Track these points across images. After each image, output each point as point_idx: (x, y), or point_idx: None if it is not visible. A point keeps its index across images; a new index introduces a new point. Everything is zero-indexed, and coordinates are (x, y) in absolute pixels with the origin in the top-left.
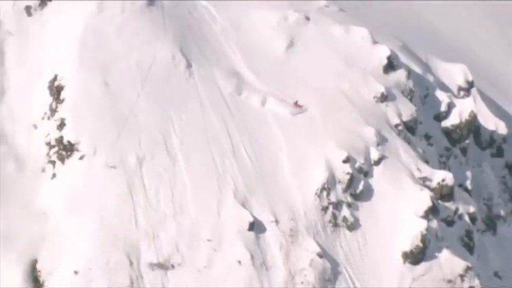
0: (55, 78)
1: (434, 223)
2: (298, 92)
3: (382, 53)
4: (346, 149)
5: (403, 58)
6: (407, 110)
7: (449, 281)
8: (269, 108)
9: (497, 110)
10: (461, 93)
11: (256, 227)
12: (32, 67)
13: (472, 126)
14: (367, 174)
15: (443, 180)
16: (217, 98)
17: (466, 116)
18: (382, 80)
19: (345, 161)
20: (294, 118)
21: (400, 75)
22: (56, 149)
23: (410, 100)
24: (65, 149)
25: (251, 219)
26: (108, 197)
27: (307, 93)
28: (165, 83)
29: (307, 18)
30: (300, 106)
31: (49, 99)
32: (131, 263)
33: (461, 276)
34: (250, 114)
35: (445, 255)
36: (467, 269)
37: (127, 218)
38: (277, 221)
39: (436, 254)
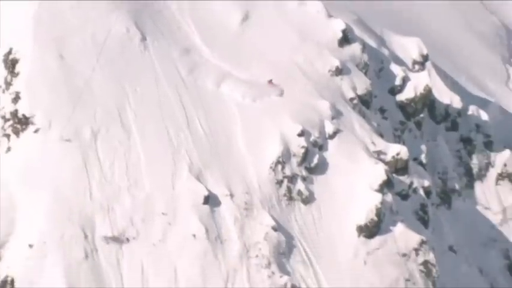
0: (10, 52)
1: (389, 197)
2: (253, 65)
3: (336, 27)
4: (300, 122)
5: (357, 32)
6: (362, 83)
7: (404, 255)
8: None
9: (452, 84)
10: (416, 67)
11: (211, 200)
12: None
13: (427, 100)
14: (321, 147)
15: (397, 154)
16: (172, 72)
17: (420, 89)
18: (336, 54)
19: (299, 135)
20: (248, 91)
21: (354, 48)
22: (10, 122)
23: (365, 74)
24: (20, 123)
25: (206, 193)
26: (63, 170)
27: (262, 67)
28: (120, 56)
29: None
30: (275, 85)
31: (4, 72)
32: (86, 236)
33: (416, 250)
34: (205, 88)
35: (399, 229)
36: (422, 242)
37: (82, 191)
38: (232, 195)
39: (391, 227)
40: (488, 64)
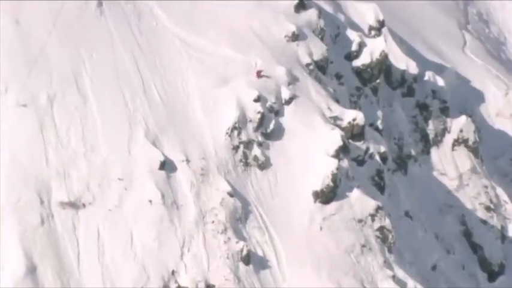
0: None
1: (345, 162)
2: (209, 31)
3: None
4: (256, 88)
5: None
6: (318, 49)
7: (360, 221)
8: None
9: (408, 50)
10: (372, 32)
11: (167, 166)
12: None
13: (383, 65)
14: (278, 113)
15: (354, 120)
16: (129, 37)
17: (376, 55)
18: (293, 19)
19: (255, 100)
20: (205, 57)
21: (311, 14)
22: None
23: (322, 39)
24: None
25: (162, 158)
26: (19, 136)
27: (218, 32)
28: (76, 22)
29: None
30: (263, 75)
31: None
32: (42, 202)
33: (372, 216)
34: (161, 54)
35: (355, 194)
36: (378, 208)
37: (38, 156)
38: (188, 160)
39: (347, 193)
40: (445, 30)
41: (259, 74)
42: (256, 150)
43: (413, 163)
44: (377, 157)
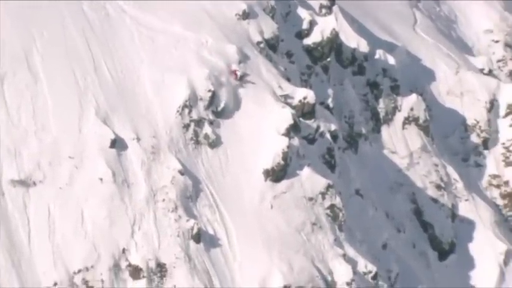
0: None
1: (296, 141)
2: (160, 9)
3: None
4: (207, 66)
5: None
6: (269, 27)
7: (311, 199)
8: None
9: (359, 28)
10: (323, 10)
11: (117, 144)
12: None
13: (334, 44)
14: (229, 91)
15: (304, 98)
16: (79, 16)
17: (327, 33)
18: None
19: (206, 78)
20: (155, 35)
21: None
22: None
23: (272, 18)
24: None
25: (112, 137)
26: None
27: (169, 10)
28: (27, 0)
29: None
30: (237, 74)
31: None
32: None
33: (323, 194)
34: (112, 32)
35: (306, 173)
36: (328, 186)
37: None
38: (138, 139)
39: (298, 171)
40: (396, 8)
41: (234, 73)
42: (207, 129)
43: (364, 141)
44: (328, 135)
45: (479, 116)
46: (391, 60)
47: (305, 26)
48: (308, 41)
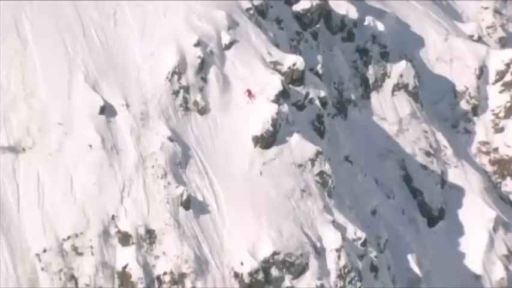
0: None
1: (285, 107)
2: None
3: None
4: (197, 32)
5: None
6: None
7: (300, 166)
8: None
9: None
10: None
11: (107, 110)
12: None
13: (323, 10)
14: (218, 58)
15: (294, 65)
16: None
17: (316, 0)
18: None
19: (196, 45)
20: (145, 2)
21: None
22: None
23: None
24: None
25: (102, 103)
26: None
27: None
28: None
29: None
30: (252, 95)
31: None
32: None
33: (312, 161)
34: None
35: (295, 139)
36: (318, 153)
37: None
38: (128, 105)
39: (287, 138)
40: None
41: (250, 93)
42: (196, 95)
43: (353, 108)
44: (317, 102)
45: (468, 82)
46: (381, 26)
47: None
48: (297, 8)
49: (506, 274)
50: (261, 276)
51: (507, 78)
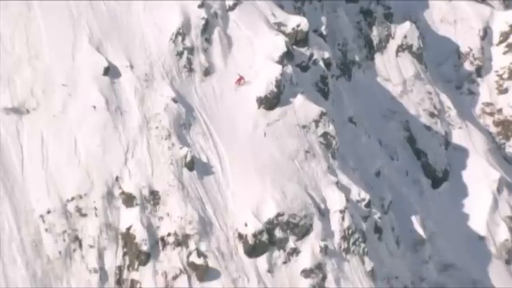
0: None
1: (289, 68)
2: None
3: None
4: None
5: None
6: None
7: (304, 127)
8: None
9: None
10: None
11: (111, 72)
12: None
13: None
14: (222, 19)
15: (298, 26)
16: None
17: None
18: None
19: (200, 6)
20: None
21: None
22: None
23: None
24: None
25: (106, 64)
26: None
27: None
28: None
29: None
30: (242, 79)
31: None
32: None
33: (316, 122)
34: None
35: (299, 100)
36: (322, 114)
37: None
38: (132, 66)
39: (291, 99)
40: None
41: (240, 80)
42: (200, 56)
43: (357, 69)
44: (321, 63)
45: (472, 43)
46: None
47: None
48: None
49: (510, 235)
50: (265, 237)
51: (511, 39)
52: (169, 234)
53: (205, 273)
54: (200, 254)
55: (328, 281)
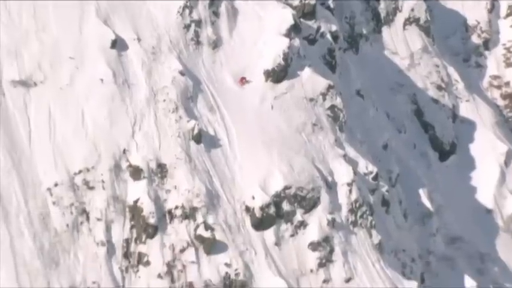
0: None
1: (297, 41)
2: None
3: None
4: None
5: None
6: None
7: (311, 100)
8: None
9: None
10: None
11: (118, 44)
12: None
13: None
14: None
15: None
16: None
17: None
18: None
19: None
20: None
21: None
22: None
23: None
24: None
25: (113, 37)
26: None
27: None
28: None
29: None
30: (246, 81)
31: None
32: None
33: (323, 95)
34: None
35: (307, 73)
36: (329, 87)
37: None
38: (139, 39)
39: (298, 72)
40: None
41: (243, 80)
42: (207, 29)
43: (365, 42)
44: (328, 36)
45: (480, 16)
46: None
47: None
48: None
49: None
50: (272, 210)
51: None
52: (176, 207)
53: (212, 246)
54: (207, 227)
55: (335, 254)
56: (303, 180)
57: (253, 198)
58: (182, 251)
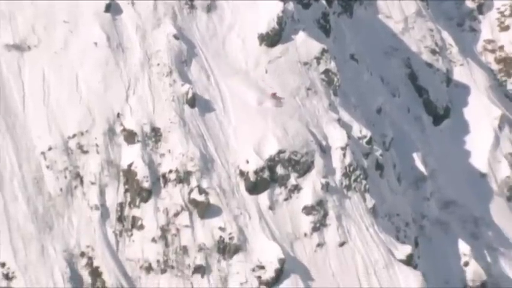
0: None
1: (291, 5)
2: None
3: None
4: None
5: None
6: None
7: (305, 64)
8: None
9: None
10: None
11: (112, 8)
12: None
13: None
14: None
15: None
16: None
17: None
18: None
19: None
20: None
21: None
22: None
23: None
24: None
25: (107, 1)
26: None
27: None
28: None
29: None
30: (278, 98)
31: None
32: None
33: (317, 59)
34: None
35: (301, 37)
36: (323, 51)
37: None
38: (133, 3)
39: (292, 36)
40: None
41: (274, 96)
42: None
43: (359, 6)
44: (322, 0)
45: None
46: None
47: None
48: None
49: (511, 173)
50: (266, 174)
51: None
52: (170, 171)
53: (206, 210)
54: (201, 191)
55: (329, 217)
56: (297, 144)
57: (248, 162)
58: (176, 215)
